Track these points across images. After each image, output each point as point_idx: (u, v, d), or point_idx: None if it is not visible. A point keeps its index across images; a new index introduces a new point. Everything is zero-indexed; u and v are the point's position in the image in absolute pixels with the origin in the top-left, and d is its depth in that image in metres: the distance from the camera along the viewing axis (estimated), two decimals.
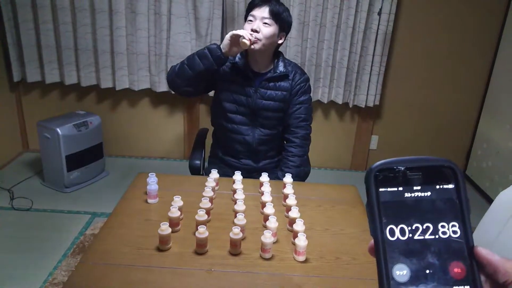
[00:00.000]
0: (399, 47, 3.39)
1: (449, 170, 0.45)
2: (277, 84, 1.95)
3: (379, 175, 0.44)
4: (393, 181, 0.44)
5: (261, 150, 2.04)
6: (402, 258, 0.42)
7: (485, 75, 3.47)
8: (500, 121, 3.24)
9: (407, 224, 0.43)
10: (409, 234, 0.43)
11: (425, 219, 0.43)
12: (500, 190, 1.68)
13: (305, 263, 1.34)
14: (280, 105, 1.96)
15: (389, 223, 0.43)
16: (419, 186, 0.44)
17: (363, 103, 3.42)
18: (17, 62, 3.29)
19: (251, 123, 1.99)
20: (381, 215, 0.43)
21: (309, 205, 1.69)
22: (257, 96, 1.94)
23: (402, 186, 0.44)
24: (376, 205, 0.44)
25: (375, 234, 0.43)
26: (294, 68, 1.99)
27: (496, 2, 3.27)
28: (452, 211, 0.44)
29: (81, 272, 1.25)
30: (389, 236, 0.43)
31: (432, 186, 0.44)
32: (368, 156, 3.77)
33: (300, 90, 1.98)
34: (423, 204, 0.44)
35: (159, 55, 3.29)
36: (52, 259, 2.35)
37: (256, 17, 1.83)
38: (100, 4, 3.12)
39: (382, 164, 0.45)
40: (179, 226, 1.46)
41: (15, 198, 2.92)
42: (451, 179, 0.45)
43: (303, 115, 1.99)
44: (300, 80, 1.97)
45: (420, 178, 0.44)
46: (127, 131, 3.67)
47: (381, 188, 0.44)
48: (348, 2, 3.14)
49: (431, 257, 0.42)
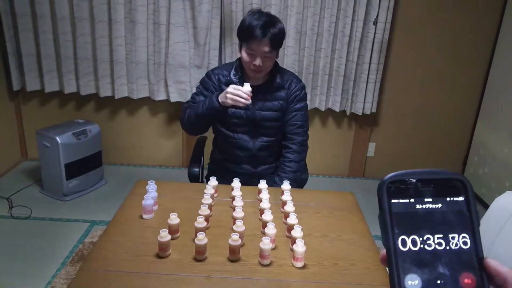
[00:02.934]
0: (395, 55, 3.43)
1: (459, 183, 0.46)
2: (273, 95, 1.97)
3: (391, 187, 0.45)
4: (405, 192, 0.45)
5: (261, 155, 2.06)
6: (413, 269, 0.43)
7: (481, 82, 3.50)
8: (496, 127, 3.26)
9: (419, 235, 0.44)
10: (420, 245, 0.44)
11: (436, 230, 0.44)
12: (496, 197, 1.70)
13: (303, 269, 1.35)
14: (278, 114, 1.99)
15: (401, 234, 0.44)
16: (430, 198, 0.45)
17: (360, 111, 3.45)
18: (16, 71, 3.31)
19: (251, 133, 2.01)
20: (393, 225, 0.44)
21: (307, 211, 1.70)
22: (256, 108, 1.96)
23: (413, 197, 0.45)
24: (389, 216, 0.45)
25: (387, 244, 0.44)
26: (289, 77, 2.01)
27: (490, 11, 3.31)
28: (462, 223, 0.45)
29: (81, 279, 1.26)
30: (401, 246, 0.44)
31: (442, 198, 0.45)
32: (365, 163, 3.79)
33: (296, 98, 2.00)
34: (434, 216, 0.45)
35: (158, 64, 3.31)
36: (51, 268, 2.35)
37: (257, 53, 1.82)
38: (100, 14, 3.15)
39: (394, 176, 0.46)
40: (178, 233, 1.47)
41: (14, 207, 2.92)
42: (461, 191, 0.46)
43: (299, 122, 2.01)
44: (295, 88, 1.99)
45: (431, 190, 0.45)
46: (126, 140, 3.69)
47: (393, 200, 0.45)
48: (344, 12, 3.18)
49: (442, 267, 0.43)
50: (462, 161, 3.73)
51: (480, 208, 3.31)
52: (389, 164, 3.75)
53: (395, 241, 0.44)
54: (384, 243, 0.45)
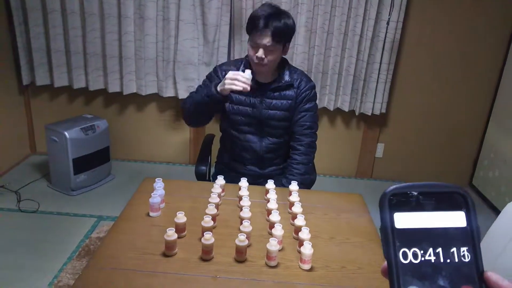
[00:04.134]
0: (406, 55, 3.39)
1: (461, 196, 0.46)
2: (282, 93, 1.94)
3: (393, 199, 0.45)
4: (406, 205, 0.45)
5: (267, 157, 2.04)
6: (414, 281, 0.43)
7: (493, 84, 3.45)
8: (508, 130, 3.22)
9: (420, 248, 0.44)
10: (421, 258, 0.44)
11: (437, 243, 0.45)
12: (506, 201, 1.67)
13: (310, 272, 1.34)
14: (285, 114, 1.96)
15: (402, 246, 0.44)
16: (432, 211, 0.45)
17: (369, 111, 3.42)
18: (26, 65, 3.33)
19: (258, 133, 1.99)
20: (395, 238, 0.44)
21: (315, 213, 1.69)
22: (263, 106, 1.93)
23: (415, 210, 0.45)
24: (390, 228, 0.45)
25: (388, 256, 0.44)
26: (299, 76, 1.97)
27: (504, 11, 3.26)
28: (463, 236, 0.45)
29: (87, 276, 1.25)
30: (402, 259, 0.44)
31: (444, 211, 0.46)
32: (373, 164, 3.76)
33: (306, 98, 1.96)
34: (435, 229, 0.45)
35: (166, 60, 3.31)
36: (57, 262, 2.36)
37: (259, 45, 1.79)
38: (109, 9, 3.15)
39: (396, 189, 0.46)
40: (185, 232, 1.46)
41: (22, 200, 2.94)
42: (462, 205, 0.46)
43: (308, 122, 1.97)
44: (305, 88, 1.96)
45: (433, 203, 0.46)
46: (134, 135, 3.69)
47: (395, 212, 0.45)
48: (355, 10, 3.15)
49: (442, 280, 0.43)
50: (472, 164, 3.69)
51: (489, 212, 3.27)
52: (397, 166, 3.72)
53: (396, 254, 0.44)
54: (385, 255, 0.45)
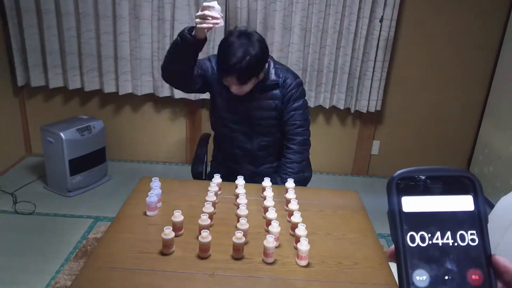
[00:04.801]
0: (400, 53, 3.41)
1: (468, 180, 0.46)
2: (269, 94, 1.91)
3: (401, 183, 0.45)
4: (414, 189, 0.45)
5: (260, 155, 2.04)
6: (422, 264, 0.43)
7: (487, 81, 3.48)
8: (501, 126, 3.24)
9: (427, 231, 0.44)
10: (429, 241, 0.44)
11: (444, 227, 0.45)
12: (501, 196, 1.68)
13: (307, 268, 1.35)
14: (273, 114, 1.94)
15: (409, 230, 0.44)
16: (439, 195, 0.46)
17: (364, 109, 3.43)
18: (21, 66, 3.32)
19: (249, 132, 1.98)
20: (402, 222, 0.45)
21: (311, 210, 1.70)
22: (251, 107, 1.92)
23: (422, 194, 0.45)
24: (398, 212, 0.45)
25: (396, 240, 0.45)
26: (284, 74, 1.92)
27: (497, 8, 3.28)
28: (470, 220, 0.45)
29: (85, 276, 1.26)
30: (409, 242, 0.44)
31: (451, 195, 0.46)
32: (369, 162, 3.78)
33: (293, 97, 1.92)
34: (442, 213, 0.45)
35: (162, 60, 3.29)
36: (54, 263, 2.36)
37: (229, 83, 1.79)
38: (104, 10, 3.15)
39: (404, 173, 0.46)
40: (182, 231, 1.47)
41: (18, 202, 2.93)
42: (470, 189, 0.46)
43: (298, 121, 1.94)
44: (291, 86, 1.91)
45: (440, 187, 0.46)
46: (130, 136, 3.69)
47: (402, 196, 0.45)
48: (350, 9, 3.17)
49: (450, 264, 0.44)
50: (467, 160, 3.72)
51: None
52: (393, 162, 3.74)
53: (403, 237, 0.44)
54: (393, 239, 0.45)
